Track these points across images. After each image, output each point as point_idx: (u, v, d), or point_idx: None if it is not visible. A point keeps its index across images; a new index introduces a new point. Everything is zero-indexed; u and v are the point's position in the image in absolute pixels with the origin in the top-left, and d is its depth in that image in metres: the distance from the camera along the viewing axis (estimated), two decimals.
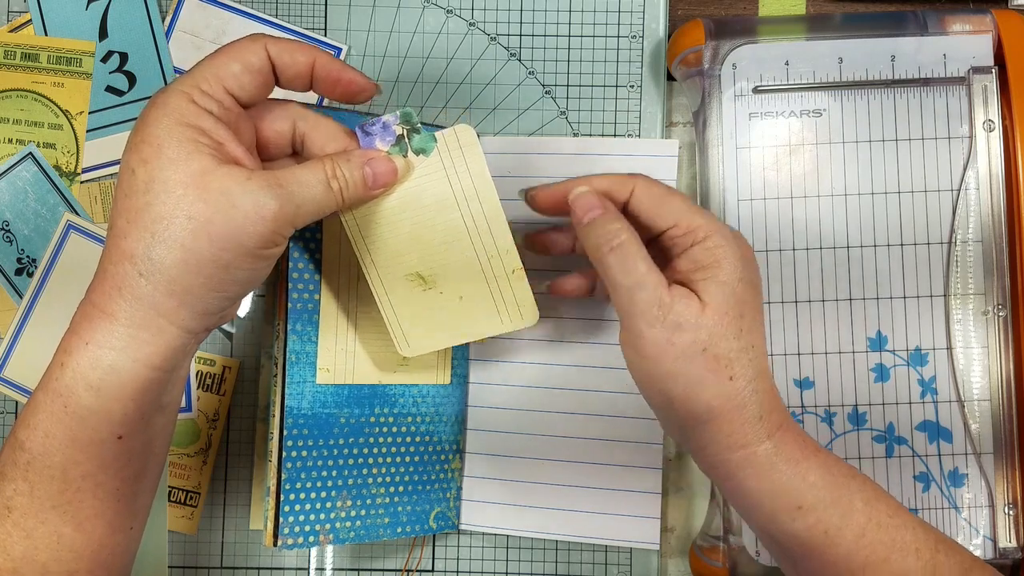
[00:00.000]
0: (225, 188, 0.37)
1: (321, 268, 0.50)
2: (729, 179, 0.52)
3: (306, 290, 0.50)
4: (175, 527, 0.54)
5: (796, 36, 0.52)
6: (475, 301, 0.47)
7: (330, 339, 0.50)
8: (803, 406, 0.52)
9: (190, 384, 0.55)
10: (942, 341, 0.51)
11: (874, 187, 0.52)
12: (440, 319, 0.48)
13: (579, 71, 0.55)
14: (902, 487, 0.51)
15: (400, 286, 0.47)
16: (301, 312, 0.49)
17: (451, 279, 0.47)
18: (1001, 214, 0.51)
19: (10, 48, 0.54)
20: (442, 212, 0.46)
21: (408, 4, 0.55)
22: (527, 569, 0.55)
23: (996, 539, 0.51)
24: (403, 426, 0.52)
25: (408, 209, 0.46)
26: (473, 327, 0.48)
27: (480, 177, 0.46)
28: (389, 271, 0.47)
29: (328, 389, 0.50)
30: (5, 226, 0.54)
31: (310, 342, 0.50)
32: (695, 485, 0.55)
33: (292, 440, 0.49)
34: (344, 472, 0.50)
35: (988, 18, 0.52)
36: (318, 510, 0.49)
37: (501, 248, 0.47)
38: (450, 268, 0.47)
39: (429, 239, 0.46)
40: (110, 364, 0.37)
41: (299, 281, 0.49)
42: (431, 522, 0.53)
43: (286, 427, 0.48)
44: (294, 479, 0.48)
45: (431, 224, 0.46)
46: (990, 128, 0.51)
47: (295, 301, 0.49)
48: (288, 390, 0.49)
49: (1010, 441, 0.51)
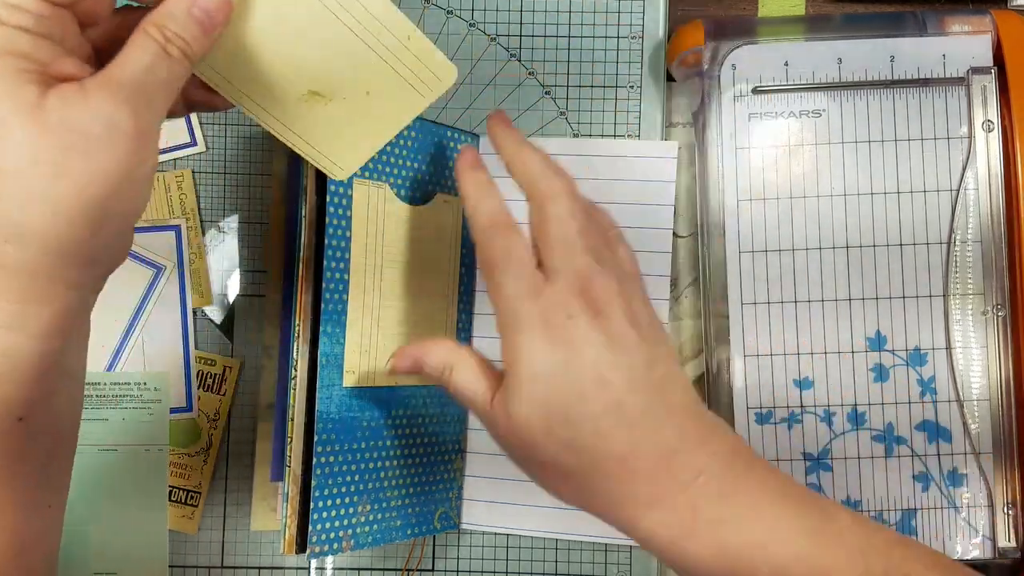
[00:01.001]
0: (64, 117, 0.31)
1: (350, 264, 0.47)
2: (729, 179, 0.52)
3: (336, 290, 0.47)
4: (175, 527, 0.54)
5: (795, 37, 0.52)
6: (383, 88, 0.42)
7: (356, 340, 0.48)
8: (802, 406, 0.52)
9: (190, 384, 0.55)
10: (941, 341, 0.51)
11: (873, 187, 0.52)
12: (358, 125, 0.42)
13: (579, 71, 0.55)
14: (901, 487, 0.51)
15: (299, 112, 0.41)
16: (332, 313, 0.47)
17: (347, 79, 0.41)
18: (1000, 214, 0.51)
19: None
20: (300, 12, 0.39)
21: (408, 4, 0.55)
22: (527, 569, 0.55)
23: (995, 539, 0.51)
24: (413, 427, 0.52)
25: (262, 25, 0.38)
26: (396, 115, 0.43)
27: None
28: (279, 103, 0.40)
29: (353, 392, 0.48)
30: None
31: (338, 344, 0.48)
32: None
33: (322, 446, 0.47)
34: (364, 476, 0.49)
35: (987, 18, 0.52)
36: (342, 516, 0.48)
37: (386, 21, 0.40)
38: (340, 68, 0.41)
39: (302, 49, 0.39)
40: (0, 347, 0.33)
41: (331, 281, 0.47)
42: (436, 522, 0.53)
43: (316, 432, 0.46)
44: (323, 485, 0.47)
45: (296, 31, 0.39)
46: (989, 128, 0.51)
47: (327, 303, 0.47)
48: (320, 394, 0.47)
49: (1009, 441, 0.51)
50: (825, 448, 0.51)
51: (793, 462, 0.52)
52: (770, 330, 0.52)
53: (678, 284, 0.55)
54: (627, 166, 0.54)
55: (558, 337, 0.39)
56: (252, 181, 0.55)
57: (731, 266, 0.52)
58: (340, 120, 0.42)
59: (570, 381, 0.39)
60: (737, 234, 0.52)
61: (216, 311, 0.55)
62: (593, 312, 0.39)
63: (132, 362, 0.54)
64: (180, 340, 0.54)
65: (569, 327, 0.39)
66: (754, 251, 0.52)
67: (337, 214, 0.47)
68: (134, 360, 0.54)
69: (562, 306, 0.39)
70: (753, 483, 0.39)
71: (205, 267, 0.55)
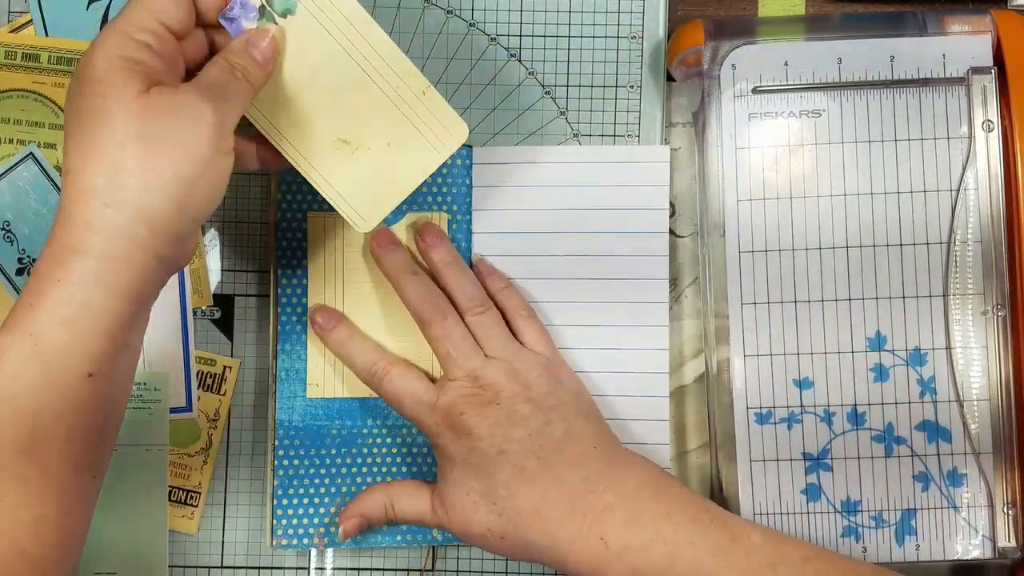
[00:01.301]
0: (162, 104, 0.39)
1: (308, 287, 0.52)
2: (728, 179, 0.52)
3: (294, 312, 0.53)
4: (175, 527, 0.54)
5: (795, 36, 0.52)
6: (402, 140, 0.46)
7: (318, 355, 0.53)
8: (802, 406, 0.52)
9: (190, 384, 0.55)
10: (941, 341, 0.51)
11: (873, 187, 0.52)
12: (380, 177, 0.47)
13: (579, 71, 0.55)
14: (901, 487, 0.51)
15: (329, 160, 0.46)
16: (290, 332, 0.53)
17: (371, 129, 0.46)
18: (1000, 214, 0.51)
19: (11, 48, 0.54)
20: (332, 64, 0.45)
21: (408, 4, 0.55)
22: (527, 568, 0.55)
23: (995, 539, 0.51)
24: (398, 438, 0.53)
25: (300, 76, 0.45)
26: (412, 171, 0.47)
27: (355, 14, 0.45)
28: (313, 149, 0.46)
29: (318, 403, 0.53)
30: (6, 226, 0.54)
31: (299, 359, 0.53)
32: (692, 484, 0.55)
33: (283, 450, 0.52)
34: (337, 480, 0.53)
35: (987, 18, 0.52)
36: (311, 515, 0.52)
37: (403, 73, 0.46)
38: (365, 117, 0.46)
39: (333, 98, 0.46)
40: (84, 299, 0.38)
41: (287, 304, 0.52)
42: (435, 532, 0.53)
43: (277, 438, 0.52)
44: (285, 485, 0.52)
45: (328, 81, 0.45)
46: (989, 128, 0.51)
47: (283, 324, 0.53)
48: (279, 404, 0.53)
49: (1009, 441, 0.51)
50: (825, 448, 0.51)
51: (793, 462, 0.52)
52: (770, 330, 0.52)
53: (678, 284, 0.55)
54: (620, 171, 0.54)
55: (459, 431, 0.48)
56: (252, 181, 0.55)
57: (731, 266, 0.52)
58: (364, 170, 0.47)
59: (477, 460, 0.48)
60: (737, 234, 0.52)
61: (216, 311, 0.55)
62: (482, 402, 0.48)
63: None
64: (180, 340, 0.54)
65: (463, 421, 0.48)
66: (754, 251, 0.52)
67: (291, 247, 0.53)
68: None
69: (455, 407, 0.48)
70: (660, 510, 0.46)
71: (205, 267, 0.55)
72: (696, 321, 0.55)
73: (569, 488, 0.47)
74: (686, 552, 0.44)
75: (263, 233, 0.55)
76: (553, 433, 0.48)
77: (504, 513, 0.47)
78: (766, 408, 0.52)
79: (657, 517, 0.46)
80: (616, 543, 0.45)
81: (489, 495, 0.48)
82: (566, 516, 0.46)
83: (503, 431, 0.48)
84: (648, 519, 0.46)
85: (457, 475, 0.49)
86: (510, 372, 0.49)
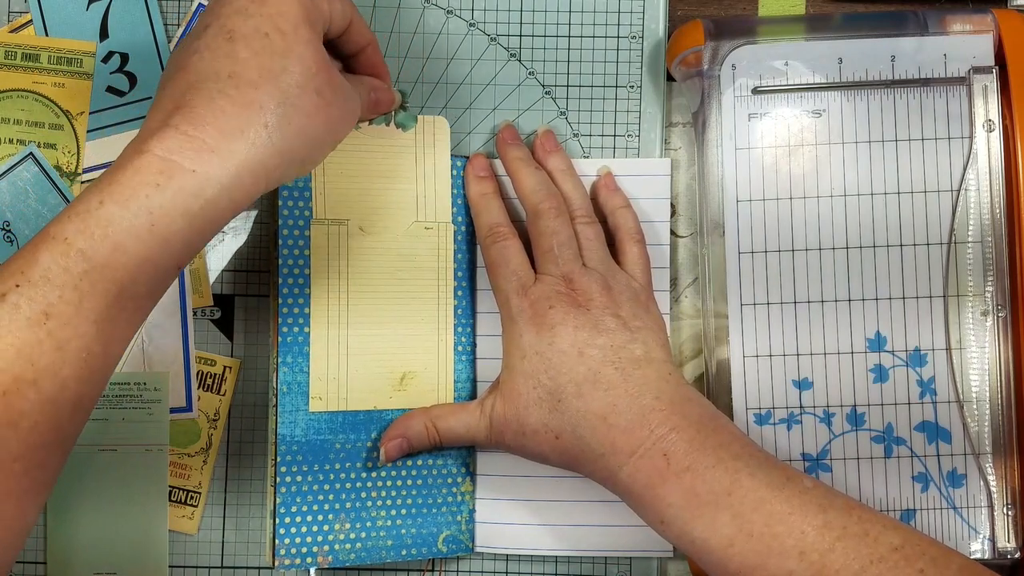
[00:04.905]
0: (341, 83, 0.43)
1: (310, 299, 0.51)
2: (728, 180, 0.52)
3: (296, 324, 0.51)
4: (175, 527, 0.55)
5: (796, 36, 0.52)
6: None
7: (321, 369, 0.51)
8: (802, 406, 0.52)
9: (190, 384, 0.55)
10: (941, 342, 0.51)
11: (874, 187, 0.52)
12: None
13: (579, 71, 0.55)
14: (900, 487, 0.51)
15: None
16: (292, 345, 0.51)
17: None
18: (1001, 214, 0.51)
19: (11, 48, 0.54)
20: (395, 180, 0.52)
21: (408, 4, 0.55)
22: (527, 569, 0.55)
23: (995, 539, 0.51)
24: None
25: (364, 167, 0.52)
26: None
27: (442, 162, 0.52)
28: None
29: (322, 416, 0.51)
30: (6, 226, 0.54)
31: (302, 372, 0.51)
32: None
33: (286, 466, 0.51)
34: (342, 496, 0.51)
35: (988, 18, 0.51)
36: (315, 532, 0.51)
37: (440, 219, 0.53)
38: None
39: (371, 201, 0.52)
40: (212, 197, 0.39)
41: (289, 315, 0.51)
42: (440, 545, 0.53)
43: (279, 454, 0.51)
44: (288, 503, 0.50)
45: (378, 186, 0.52)
46: (990, 128, 0.51)
47: (284, 336, 0.51)
48: (280, 419, 0.51)
49: (1009, 442, 0.51)
50: (824, 449, 0.51)
51: (792, 462, 0.51)
52: (769, 331, 0.51)
53: (678, 284, 0.55)
54: (621, 184, 0.54)
55: (543, 323, 0.48)
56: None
57: (731, 266, 0.52)
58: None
59: (554, 356, 0.48)
60: (737, 234, 0.52)
61: (216, 311, 0.55)
62: (573, 303, 0.49)
63: (132, 362, 0.54)
64: (180, 340, 0.54)
65: (551, 315, 0.48)
66: (754, 251, 0.52)
67: (293, 255, 0.51)
68: (134, 360, 0.54)
69: (546, 299, 0.49)
70: (722, 440, 0.46)
71: (205, 267, 0.55)
72: (695, 321, 0.55)
73: (641, 403, 0.47)
74: (746, 482, 0.45)
75: (264, 233, 0.55)
76: (634, 351, 0.48)
77: (567, 412, 0.47)
78: (765, 409, 0.52)
79: (719, 446, 0.46)
80: (679, 463, 0.45)
81: (557, 392, 0.48)
82: (634, 427, 0.46)
83: (586, 335, 0.48)
84: (711, 446, 0.46)
85: (528, 366, 0.49)
86: (604, 286, 0.49)
